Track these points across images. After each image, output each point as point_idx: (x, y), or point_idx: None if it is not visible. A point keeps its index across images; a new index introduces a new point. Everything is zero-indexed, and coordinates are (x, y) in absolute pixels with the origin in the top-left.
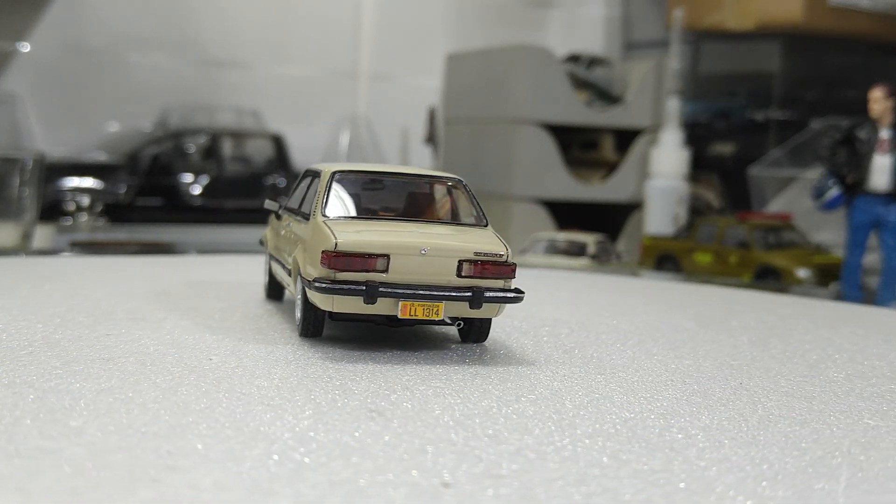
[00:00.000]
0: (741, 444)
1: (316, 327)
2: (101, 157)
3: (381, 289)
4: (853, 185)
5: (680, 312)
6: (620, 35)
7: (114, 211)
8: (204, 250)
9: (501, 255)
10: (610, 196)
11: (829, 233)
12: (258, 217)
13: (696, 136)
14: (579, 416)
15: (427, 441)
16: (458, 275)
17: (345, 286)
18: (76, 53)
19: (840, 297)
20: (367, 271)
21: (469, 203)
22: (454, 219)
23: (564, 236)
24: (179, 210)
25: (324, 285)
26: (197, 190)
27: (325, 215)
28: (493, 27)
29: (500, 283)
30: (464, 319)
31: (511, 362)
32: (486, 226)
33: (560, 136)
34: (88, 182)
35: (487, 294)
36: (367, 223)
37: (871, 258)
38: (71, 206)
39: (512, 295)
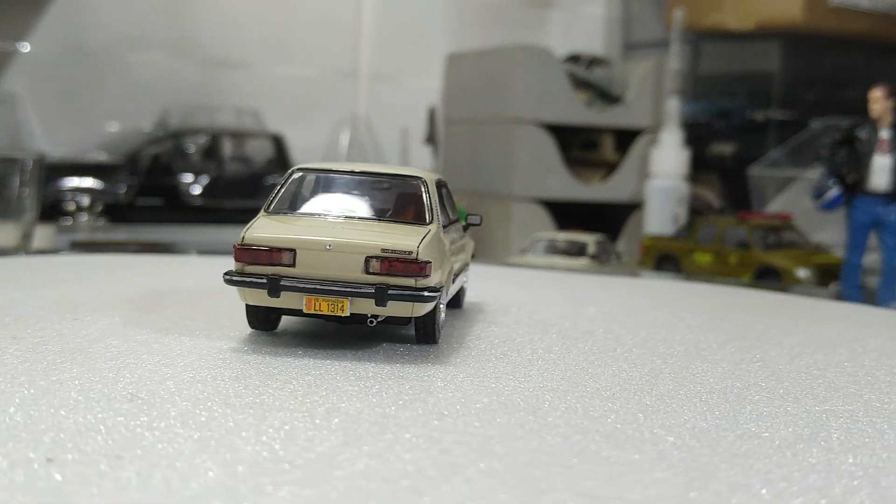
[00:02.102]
0: (472, 451)
1: (259, 320)
2: (101, 157)
3: (282, 282)
4: (853, 185)
5: (684, 317)
6: (620, 35)
7: (114, 211)
8: (204, 250)
9: (410, 253)
10: (610, 196)
11: (829, 233)
12: None
13: (696, 136)
14: (373, 415)
15: (123, 424)
16: (367, 271)
17: (247, 278)
18: (76, 53)
19: (840, 297)
20: (274, 265)
21: (425, 200)
22: (401, 216)
23: (564, 236)
24: (179, 210)
25: (230, 277)
26: (197, 190)
27: (267, 211)
28: (493, 27)
29: (410, 282)
30: (387, 319)
31: (429, 362)
32: (428, 224)
33: (560, 136)
34: (88, 182)
35: (392, 291)
36: (300, 218)
37: (871, 258)
38: (71, 206)
39: (420, 294)
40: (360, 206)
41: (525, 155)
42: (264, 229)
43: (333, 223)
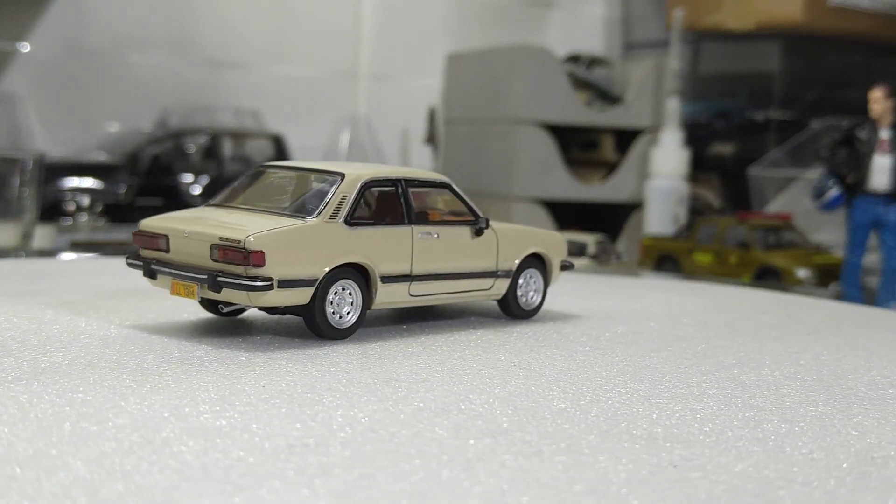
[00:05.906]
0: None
1: (203, 303)
2: (101, 157)
3: (153, 266)
4: (853, 185)
5: (687, 317)
6: (620, 35)
7: (114, 211)
8: None
9: (238, 243)
10: (610, 196)
11: (829, 233)
12: None
13: (696, 136)
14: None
15: None
16: (212, 259)
17: (134, 260)
18: (76, 53)
19: (840, 297)
20: (155, 250)
21: (326, 195)
22: (294, 208)
23: (564, 236)
24: (179, 210)
25: (128, 261)
26: (197, 190)
27: (209, 203)
28: (493, 27)
29: (240, 270)
30: (285, 309)
31: (319, 350)
32: (310, 216)
33: (560, 136)
34: (88, 182)
35: (221, 279)
36: (206, 209)
37: (871, 258)
38: (71, 206)
39: (251, 283)
40: (275, 200)
41: (525, 155)
42: (159, 217)
43: (220, 214)
